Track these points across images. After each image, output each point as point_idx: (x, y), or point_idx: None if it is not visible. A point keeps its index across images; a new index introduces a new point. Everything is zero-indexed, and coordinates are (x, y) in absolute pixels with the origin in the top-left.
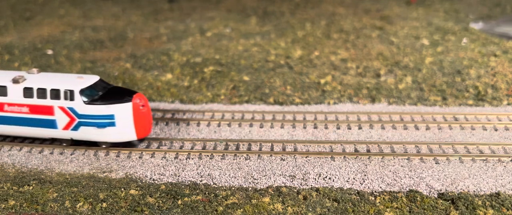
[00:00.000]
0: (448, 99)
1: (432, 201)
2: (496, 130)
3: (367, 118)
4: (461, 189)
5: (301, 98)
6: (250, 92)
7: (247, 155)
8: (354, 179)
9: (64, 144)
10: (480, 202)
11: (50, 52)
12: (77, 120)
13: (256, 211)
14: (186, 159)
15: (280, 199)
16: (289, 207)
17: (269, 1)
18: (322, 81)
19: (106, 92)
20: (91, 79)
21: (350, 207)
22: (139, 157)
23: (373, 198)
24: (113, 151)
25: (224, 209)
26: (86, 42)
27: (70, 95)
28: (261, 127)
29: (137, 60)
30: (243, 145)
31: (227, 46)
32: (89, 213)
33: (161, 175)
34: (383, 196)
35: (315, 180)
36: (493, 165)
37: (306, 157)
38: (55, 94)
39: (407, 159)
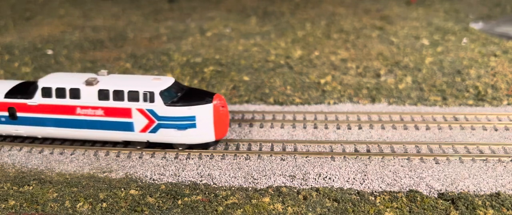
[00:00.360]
0: (448, 99)
1: (432, 201)
2: (496, 130)
3: (367, 118)
4: (461, 189)
5: (301, 98)
6: (250, 92)
7: (247, 155)
8: (354, 179)
9: (138, 147)
10: (480, 202)
11: (50, 52)
12: (156, 122)
13: (256, 211)
14: (186, 159)
15: (280, 199)
16: (289, 207)
17: (269, 1)
18: (322, 81)
19: (185, 94)
20: (168, 81)
21: (350, 207)
22: (139, 157)
23: (373, 198)
24: (113, 151)
25: (224, 209)
26: (86, 42)
27: (150, 97)
28: (261, 127)
29: (137, 60)
30: (243, 145)
31: (227, 46)
32: (89, 213)
33: (161, 175)
34: (383, 196)
35: (315, 180)
36: (493, 165)
37: (306, 157)
38: (134, 96)
39: (407, 159)
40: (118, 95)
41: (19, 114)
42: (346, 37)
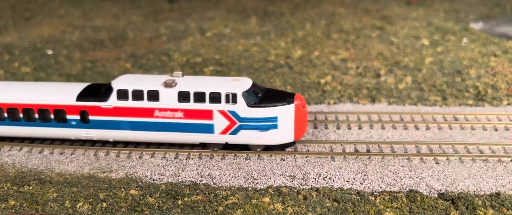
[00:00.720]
0: (448, 99)
1: (432, 201)
2: (496, 130)
3: (367, 118)
4: (461, 189)
5: None
6: None
7: (247, 155)
8: (354, 179)
9: (215, 149)
10: (480, 202)
11: (50, 52)
12: (238, 124)
13: (256, 211)
14: (186, 159)
15: (280, 199)
16: (289, 207)
17: (269, 1)
18: (322, 81)
19: (265, 95)
20: (247, 82)
21: (350, 207)
22: (139, 157)
23: (373, 198)
24: (113, 151)
25: (224, 209)
26: (86, 42)
27: (232, 98)
28: None
29: (137, 60)
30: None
31: (227, 46)
32: (89, 213)
33: (161, 175)
34: (383, 196)
35: (315, 180)
36: (493, 165)
37: (306, 157)
38: (215, 98)
39: (407, 159)
40: (199, 97)
41: (91, 117)
42: (346, 37)
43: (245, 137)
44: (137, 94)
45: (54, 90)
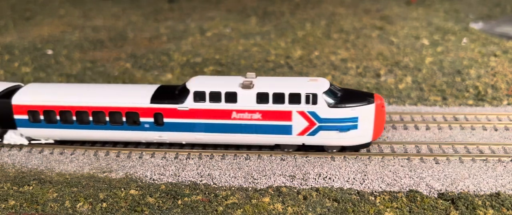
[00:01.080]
0: (448, 99)
1: (432, 201)
2: (496, 130)
3: None
4: (461, 189)
5: None
6: None
7: (247, 155)
8: (354, 179)
9: (286, 150)
10: (480, 202)
11: (50, 52)
12: (317, 124)
13: (256, 211)
14: (186, 159)
15: (280, 199)
16: (289, 207)
17: (269, 1)
18: None
19: (344, 94)
20: (325, 82)
21: (350, 207)
22: (139, 157)
23: (373, 198)
24: (113, 151)
25: (224, 209)
26: (86, 42)
27: (312, 99)
28: None
29: (137, 60)
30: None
31: (227, 46)
32: (89, 213)
33: (161, 175)
34: (383, 196)
35: (315, 180)
36: (493, 165)
37: (306, 157)
38: (295, 98)
39: (407, 159)
40: (278, 98)
41: (166, 120)
42: (346, 37)
43: (324, 138)
44: (215, 96)
45: (125, 93)
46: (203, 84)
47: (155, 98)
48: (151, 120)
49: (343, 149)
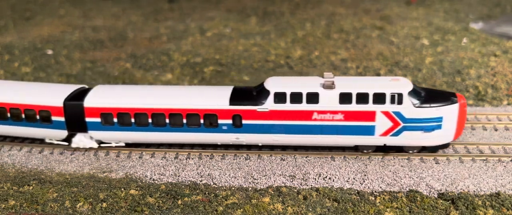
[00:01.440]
0: None
1: (432, 201)
2: (496, 130)
3: None
4: (461, 189)
5: None
6: None
7: (247, 155)
8: (354, 179)
9: (365, 151)
10: (480, 202)
11: (50, 52)
12: (402, 125)
13: (256, 211)
14: (186, 159)
15: (280, 199)
16: (289, 207)
17: (269, 1)
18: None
19: (427, 94)
20: (407, 81)
21: (350, 207)
22: (139, 157)
23: (373, 198)
24: (113, 151)
25: (224, 209)
26: (86, 42)
27: (398, 99)
28: None
29: (137, 60)
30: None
31: (227, 46)
32: (89, 213)
33: (161, 175)
34: (383, 196)
35: (315, 180)
36: (493, 165)
37: (306, 157)
38: (379, 98)
39: (407, 159)
40: (362, 98)
41: (244, 121)
42: (346, 37)
43: (407, 138)
44: (296, 97)
45: (202, 95)
46: (284, 85)
47: (233, 99)
48: (229, 121)
49: (423, 150)
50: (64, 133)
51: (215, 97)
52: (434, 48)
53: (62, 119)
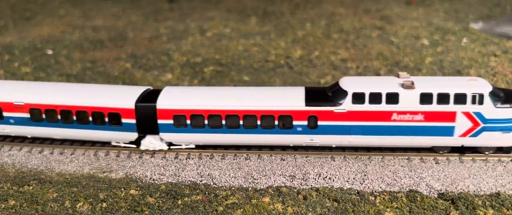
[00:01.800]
0: None
1: (432, 201)
2: None
3: None
4: (461, 189)
5: None
6: None
7: (247, 155)
8: (354, 179)
9: (441, 152)
10: (480, 202)
11: (50, 52)
12: (482, 125)
13: (256, 211)
14: (186, 159)
15: (280, 199)
16: (289, 207)
17: (269, 1)
18: (322, 81)
19: (505, 95)
20: (485, 82)
21: (350, 207)
22: (139, 157)
23: (373, 198)
24: (113, 151)
25: (224, 209)
26: (86, 42)
27: (478, 99)
28: None
29: (137, 60)
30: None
31: (227, 46)
32: (89, 213)
33: (161, 175)
34: (383, 196)
35: (315, 180)
36: (493, 165)
37: (306, 157)
38: (460, 99)
39: (407, 159)
40: (442, 98)
41: (320, 122)
42: (346, 37)
43: (486, 139)
44: (375, 97)
45: (275, 96)
46: (362, 85)
47: (309, 100)
48: (305, 123)
49: (498, 150)
50: (134, 135)
51: (290, 98)
52: (434, 48)
53: (133, 121)
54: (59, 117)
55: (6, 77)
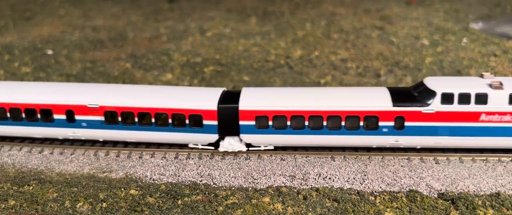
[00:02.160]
0: None
1: (432, 201)
2: None
3: None
4: (461, 189)
5: None
6: None
7: (247, 155)
8: (354, 179)
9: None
10: (480, 202)
11: (50, 52)
12: None
13: (256, 211)
14: (186, 159)
15: (280, 199)
16: (289, 207)
17: (269, 1)
18: (322, 81)
19: None
20: None
21: (350, 207)
22: (139, 157)
23: (373, 198)
24: (113, 151)
25: (224, 209)
26: (86, 42)
27: None
28: None
29: (137, 60)
30: None
31: (227, 46)
32: (89, 213)
33: (161, 175)
34: (383, 196)
35: (315, 180)
36: (493, 165)
37: (306, 157)
38: None
39: (407, 159)
40: None
41: (407, 123)
42: (346, 37)
43: None
44: (464, 98)
45: (358, 96)
46: (450, 86)
47: (396, 101)
48: (391, 123)
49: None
50: (214, 137)
51: (376, 99)
52: (434, 48)
53: (215, 122)
54: (136, 119)
55: (6, 78)
